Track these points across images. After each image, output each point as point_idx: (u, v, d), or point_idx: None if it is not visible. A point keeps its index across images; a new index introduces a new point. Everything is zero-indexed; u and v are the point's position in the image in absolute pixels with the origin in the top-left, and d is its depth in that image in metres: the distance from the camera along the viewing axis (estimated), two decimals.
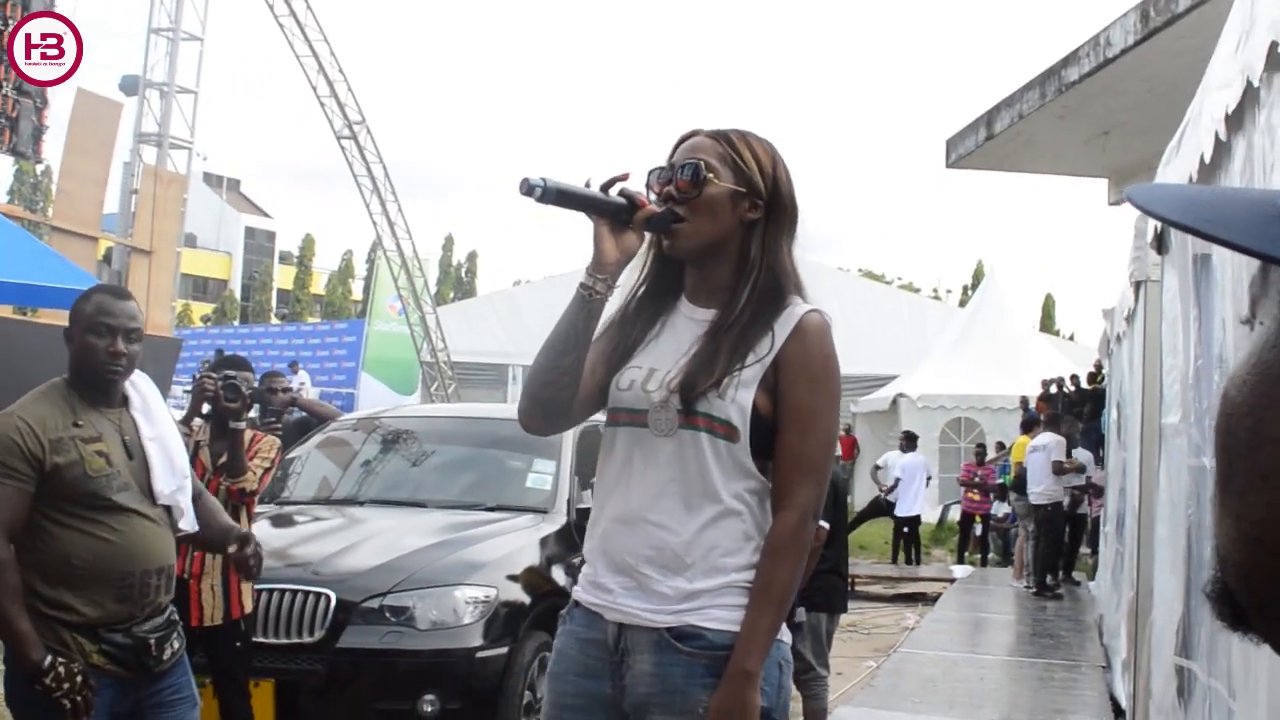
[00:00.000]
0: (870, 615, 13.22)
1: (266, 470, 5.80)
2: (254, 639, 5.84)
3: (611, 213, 2.69)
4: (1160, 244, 5.45)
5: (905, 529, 18.39)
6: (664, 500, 2.68)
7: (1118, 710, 8.04)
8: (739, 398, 2.65)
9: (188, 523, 3.92)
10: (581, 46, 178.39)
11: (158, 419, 3.88)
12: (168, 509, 3.85)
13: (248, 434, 5.78)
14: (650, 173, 2.80)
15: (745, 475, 2.68)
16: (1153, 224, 5.50)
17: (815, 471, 2.70)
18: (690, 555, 2.66)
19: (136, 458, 3.78)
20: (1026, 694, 9.24)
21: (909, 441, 19.43)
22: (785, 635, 2.75)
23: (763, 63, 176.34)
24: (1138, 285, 6.77)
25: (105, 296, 3.86)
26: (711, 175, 2.71)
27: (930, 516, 22.44)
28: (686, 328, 2.80)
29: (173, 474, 3.85)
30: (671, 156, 2.79)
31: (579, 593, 2.82)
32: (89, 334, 3.74)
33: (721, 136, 2.77)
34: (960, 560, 18.59)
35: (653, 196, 2.76)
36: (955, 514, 21.30)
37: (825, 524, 7.12)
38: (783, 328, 2.70)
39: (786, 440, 2.67)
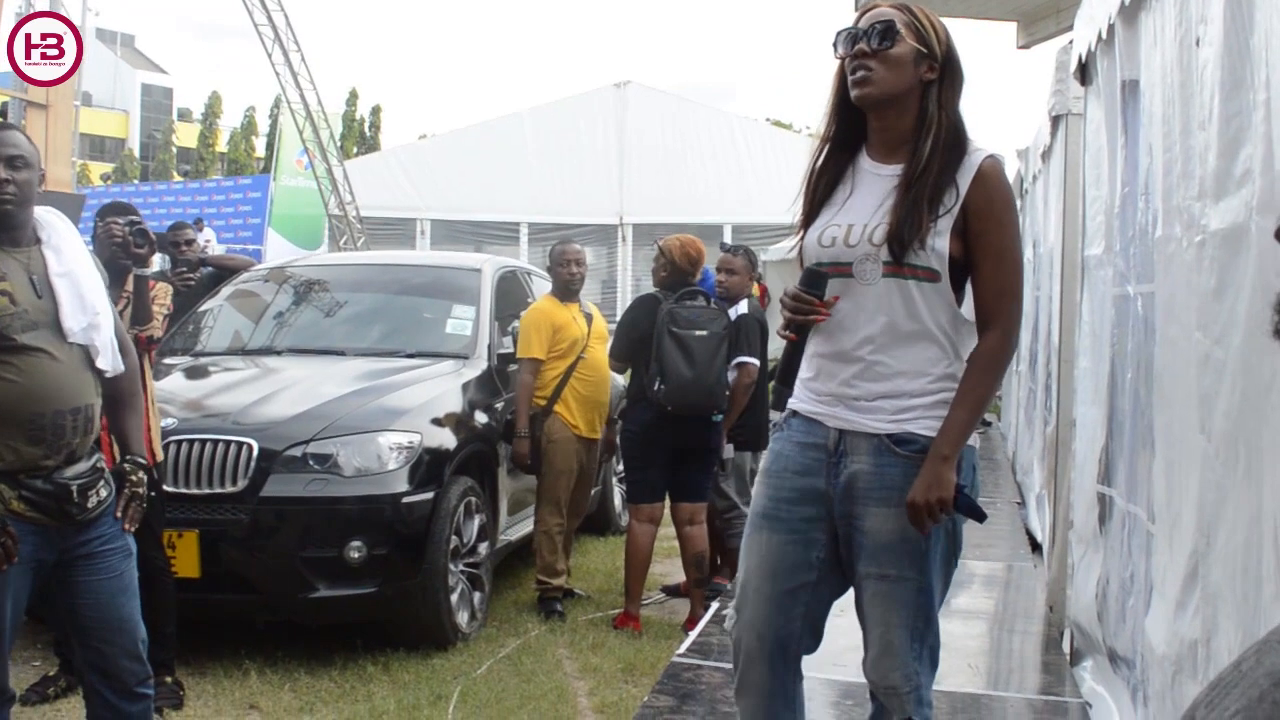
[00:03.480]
0: None
1: (166, 317, 5.66)
2: (176, 490, 5.78)
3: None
4: (1084, 75, 5.41)
5: None
6: (874, 336, 3.11)
7: (1034, 544, 8.20)
8: (938, 245, 3.05)
9: (106, 361, 3.80)
10: None
11: (67, 255, 3.75)
12: (85, 349, 3.74)
13: None
14: (838, 33, 3.16)
15: (946, 308, 3.10)
16: (1076, 55, 5.45)
17: (1013, 295, 3.14)
18: (900, 378, 3.11)
19: (45, 296, 3.67)
20: None
21: None
22: (975, 441, 3.19)
23: None
24: (1056, 120, 6.75)
25: None
26: (901, 34, 3.10)
27: None
28: (875, 183, 3.18)
29: (83, 310, 3.72)
30: (857, 22, 3.15)
31: (798, 404, 3.27)
32: None
33: (904, 7, 3.16)
34: None
35: (840, 51, 3.15)
36: None
37: (755, 361, 7.14)
38: (964, 177, 3.08)
39: (985, 273, 3.10)
